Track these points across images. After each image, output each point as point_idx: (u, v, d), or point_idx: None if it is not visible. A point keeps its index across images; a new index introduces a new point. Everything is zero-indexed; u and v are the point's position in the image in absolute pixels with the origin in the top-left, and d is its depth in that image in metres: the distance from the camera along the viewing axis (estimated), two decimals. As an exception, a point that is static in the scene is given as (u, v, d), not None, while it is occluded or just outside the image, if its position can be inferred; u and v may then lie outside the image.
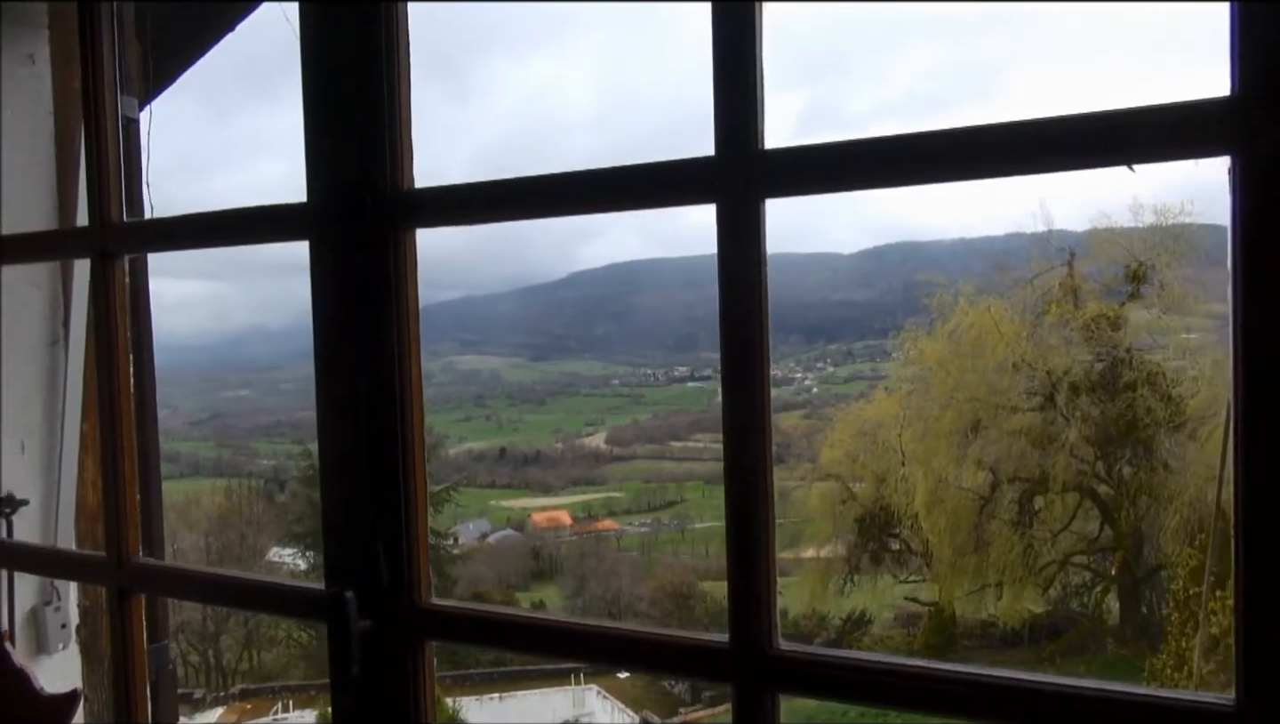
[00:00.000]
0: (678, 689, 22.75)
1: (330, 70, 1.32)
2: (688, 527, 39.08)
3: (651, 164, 1.12)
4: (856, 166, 1.07)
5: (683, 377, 48.67)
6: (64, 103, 2.11)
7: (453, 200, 1.27)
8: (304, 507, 27.95)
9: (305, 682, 22.72)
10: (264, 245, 1.52)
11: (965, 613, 21.49)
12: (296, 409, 40.75)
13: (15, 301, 2.00)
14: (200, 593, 1.61)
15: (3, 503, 1.97)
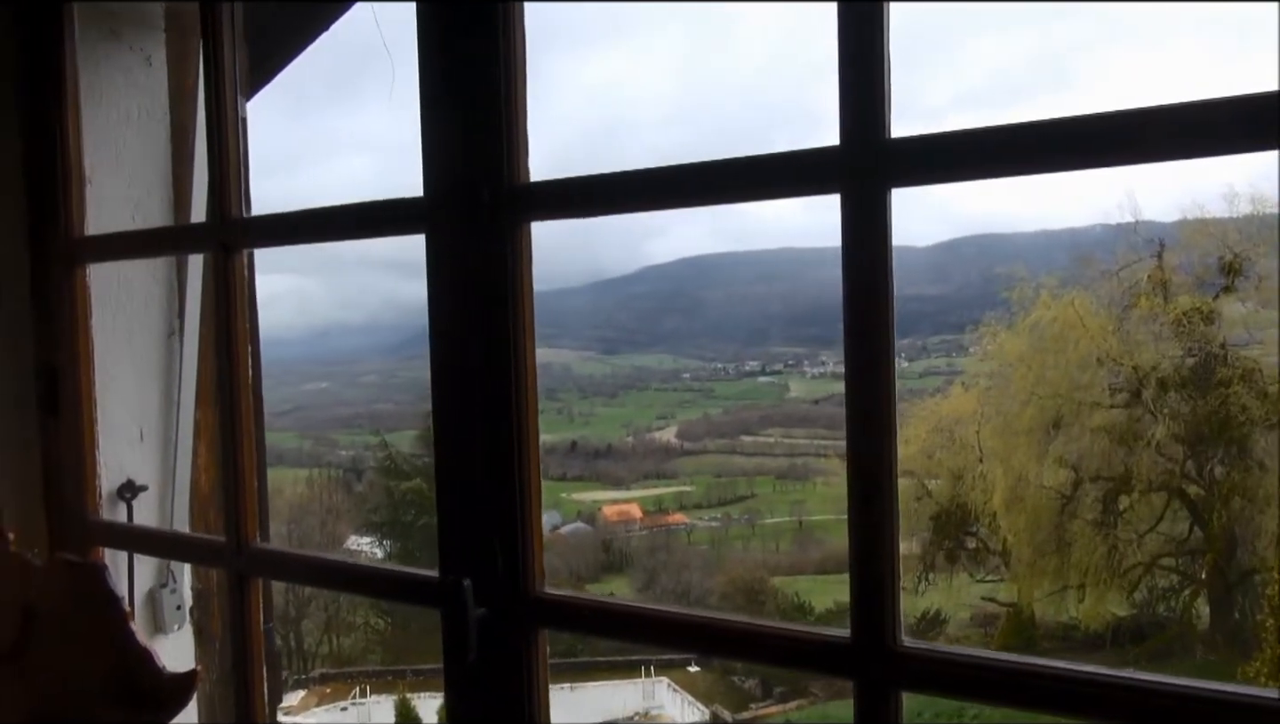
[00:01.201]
0: (748, 684, 22.69)
1: (447, 66, 1.35)
2: (758, 522, 38.90)
3: (776, 154, 1.11)
4: (982, 155, 1.05)
5: (753, 371, 48.40)
6: (178, 102, 2.18)
7: (571, 192, 1.29)
8: (381, 496, 28.64)
9: (382, 667, 23.27)
10: (344, 241, 1.58)
11: (1045, 614, 20.99)
12: (374, 401, 41.75)
13: (137, 295, 2.08)
14: (317, 578, 1.66)
15: (123, 488, 2.05)
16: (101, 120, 2.00)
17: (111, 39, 2.05)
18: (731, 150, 1.18)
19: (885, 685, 1.08)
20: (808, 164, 1.11)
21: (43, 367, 1.95)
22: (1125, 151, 0.98)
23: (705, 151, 0.95)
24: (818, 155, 1.09)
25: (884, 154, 1.05)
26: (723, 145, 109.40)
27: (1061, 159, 1.02)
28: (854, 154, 1.06)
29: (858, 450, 1.08)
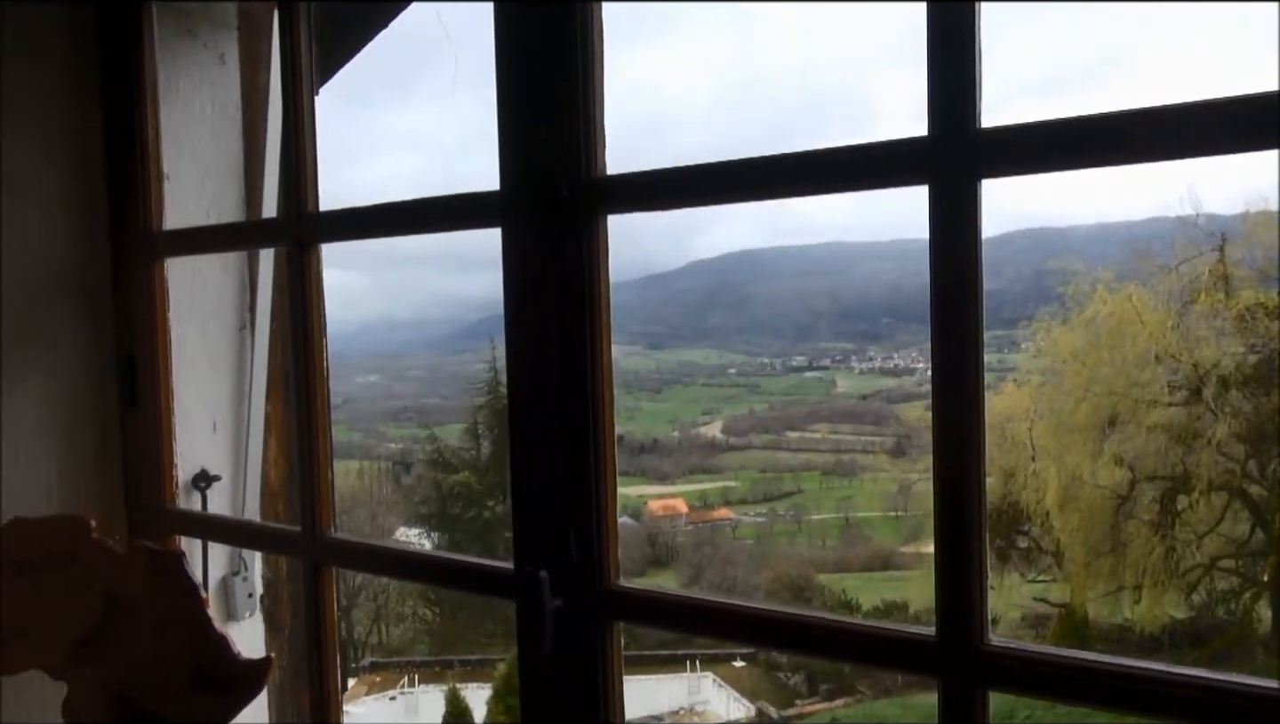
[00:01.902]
0: (793, 681, 22.60)
1: (525, 63, 1.35)
2: (804, 518, 38.65)
3: (863, 145, 1.10)
4: (1073, 145, 1.03)
5: (800, 366, 48.06)
6: (250, 100, 2.22)
7: (651, 185, 1.28)
8: (429, 489, 28.98)
9: (430, 657, 23.57)
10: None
11: (1098, 616, 20.60)
12: (422, 395, 42.23)
13: (211, 289, 2.12)
14: (390, 568, 1.68)
15: (198, 478, 2.09)
16: (178, 118, 2.05)
17: (187, 38, 2.09)
18: (779, 146, 1.18)
19: (972, 685, 1.06)
20: (895, 155, 1.09)
21: (123, 359, 2.00)
22: (1219, 142, 0.96)
23: (752, 147, 0.94)
24: (905, 146, 1.08)
25: (975, 144, 1.03)
26: (769, 141, 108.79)
27: (1152, 148, 0.99)
28: (944, 145, 1.05)
29: (945, 446, 1.06)
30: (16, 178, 1.89)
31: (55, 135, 1.94)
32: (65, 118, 1.95)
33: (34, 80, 1.92)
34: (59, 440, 1.96)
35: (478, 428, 28.73)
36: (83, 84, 1.97)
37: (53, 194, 1.94)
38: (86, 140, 1.98)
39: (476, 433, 28.73)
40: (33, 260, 1.91)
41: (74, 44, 1.96)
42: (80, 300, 1.98)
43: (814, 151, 1.13)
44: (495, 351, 28.13)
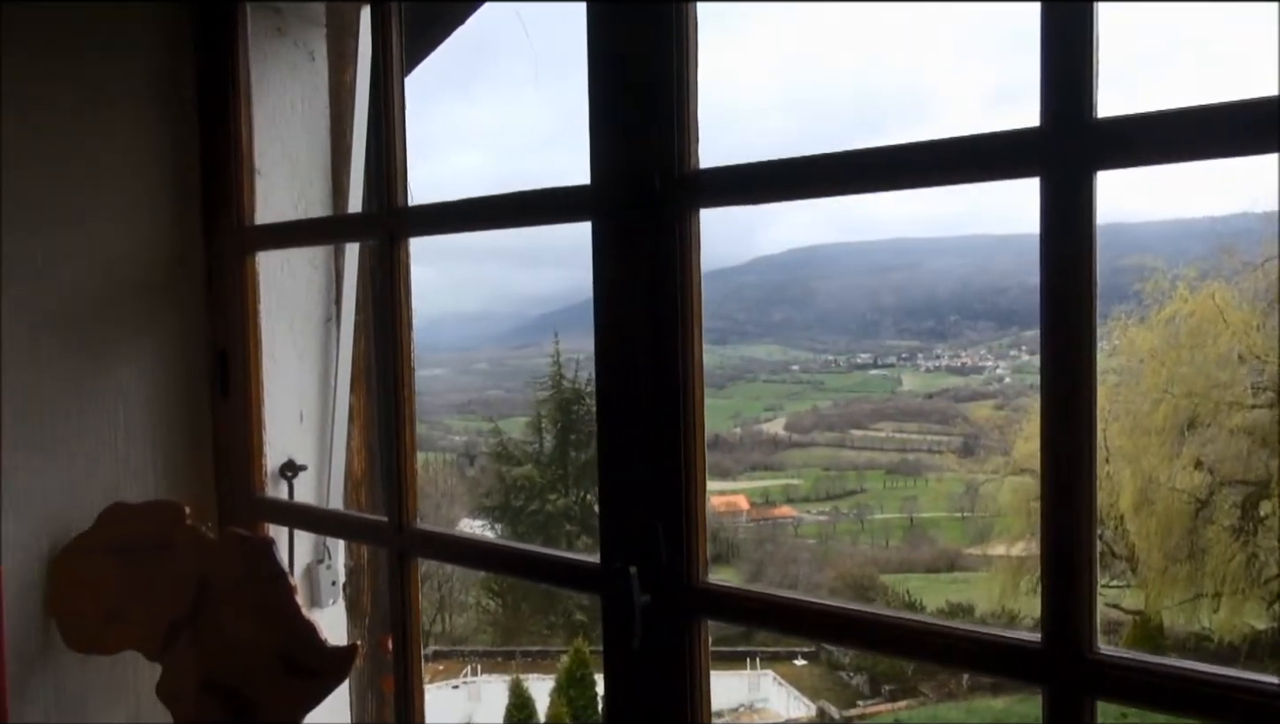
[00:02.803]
0: (855, 682, 22.35)
1: (618, 57, 1.35)
2: (868, 517, 38.17)
3: (971, 136, 1.07)
4: (1194, 135, 0.98)
5: (865, 364, 47.43)
6: (337, 97, 2.26)
7: (745, 178, 1.27)
8: (493, 481, 29.30)
9: (493, 648, 23.84)
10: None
11: (1174, 624, 19.98)
12: (487, 388, 42.72)
13: (299, 282, 2.16)
14: (475, 559, 1.69)
15: (285, 467, 2.14)
16: (268, 114, 2.09)
17: (278, 36, 2.13)
18: (843, 142, 1.16)
19: (1079, 693, 1.03)
20: (1005, 146, 1.06)
21: (215, 351, 2.05)
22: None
23: (809, 145, 0.93)
24: (1016, 137, 1.04)
25: (1090, 134, 1.00)
26: (831, 137, 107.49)
27: (1247, 143, 0.94)
28: (1057, 135, 1.01)
29: (1055, 446, 1.03)
30: (118, 174, 1.95)
31: (154, 132, 2.00)
32: (163, 115, 2.01)
33: (134, 78, 1.98)
34: (155, 429, 2.02)
35: (540, 422, 28.94)
36: (179, 82, 2.02)
37: (152, 190, 1.99)
38: (183, 137, 2.03)
39: (539, 427, 28.94)
40: (132, 254, 1.97)
41: (171, 43, 2.02)
42: (175, 294, 2.04)
43: (919, 144, 1.10)
44: (559, 346, 28.30)
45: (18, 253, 1.82)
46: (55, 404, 1.88)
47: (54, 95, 1.87)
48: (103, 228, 1.93)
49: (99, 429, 1.94)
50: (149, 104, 2.00)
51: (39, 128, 1.85)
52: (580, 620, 23.50)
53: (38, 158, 1.85)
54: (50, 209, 1.87)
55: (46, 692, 1.88)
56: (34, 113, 1.84)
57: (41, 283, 1.86)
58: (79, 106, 1.90)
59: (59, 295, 1.88)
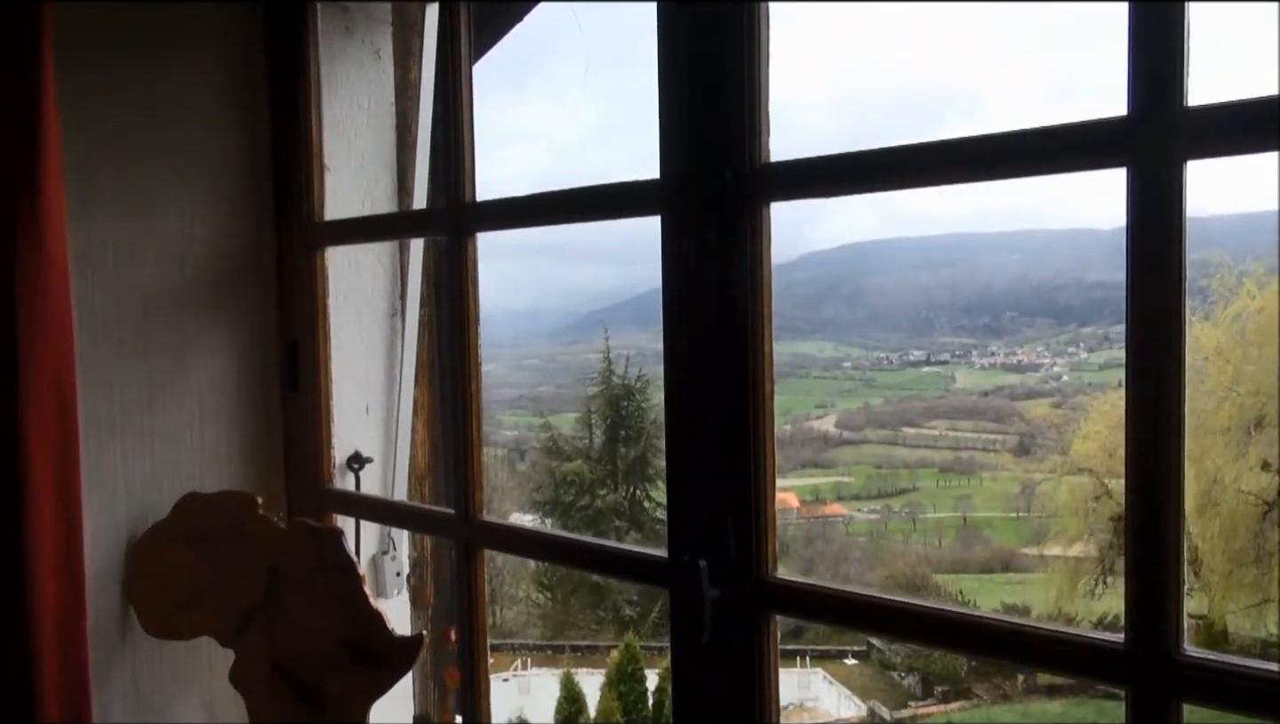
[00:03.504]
0: (907, 682, 22.10)
1: (690, 48, 1.34)
2: (919, 516, 37.69)
3: (1055, 126, 1.05)
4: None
5: (918, 360, 46.74)
6: (402, 94, 2.29)
7: (818, 172, 1.26)
8: (543, 476, 29.49)
9: (543, 642, 24.00)
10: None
11: (1239, 629, 19.45)
12: (538, 384, 42.96)
13: (365, 277, 2.20)
14: (541, 551, 1.71)
15: (351, 459, 2.17)
16: (337, 112, 2.12)
17: (345, 35, 2.16)
18: (899, 136, 1.15)
19: (1165, 696, 1.01)
20: (1091, 136, 1.04)
21: (285, 344, 2.09)
22: None
23: (859, 143, 0.92)
24: (1102, 127, 1.02)
25: (1181, 123, 0.97)
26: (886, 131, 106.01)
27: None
28: (1145, 123, 0.99)
29: (1142, 445, 1.01)
30: (194, 169, 1.99)
31: (228, 129, 2.04)
32: (236, 112, 2.05)
33: (209, 75, 2.02)
34: (227, 421, 2.06)
35: (590, 417, 29.05)
36: (252, 79, 2.06)
37: (226, 185, 2.04)
38: (255, 134, 2.07)
39: (589, 422, 29.05)
40: (207, 249, 2.02)
41: (244, 41, 2.06)
42: (248, 288, 2.08)
43: (1001, 134, 1.08)
44: (609, 342, 28.36)
45: (95, 247, 1.87)
46: (133, 395, 1.93)
47: (131, 92, 1.91)
48: (178, 222, 1.98)
49: (175, 420, 1.99)
50: (223, 101, 2.04)
51: (117, 124, 1.89)
52: (629, 616, 23.56)
53: (116, 153, 1.89)
54: (127, 204, 1.91)
55: (125, 675, 1.94)
56: (112, 109, 1.88)
57: (119, 277, 1.91)
58: (156, 104, 1.95)
59: (136, 289, 1.93)
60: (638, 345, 33.54)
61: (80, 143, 1.75)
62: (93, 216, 1.85)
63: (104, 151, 1.87)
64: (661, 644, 20.69)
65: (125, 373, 1.92)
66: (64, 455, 1.61)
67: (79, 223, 1.75)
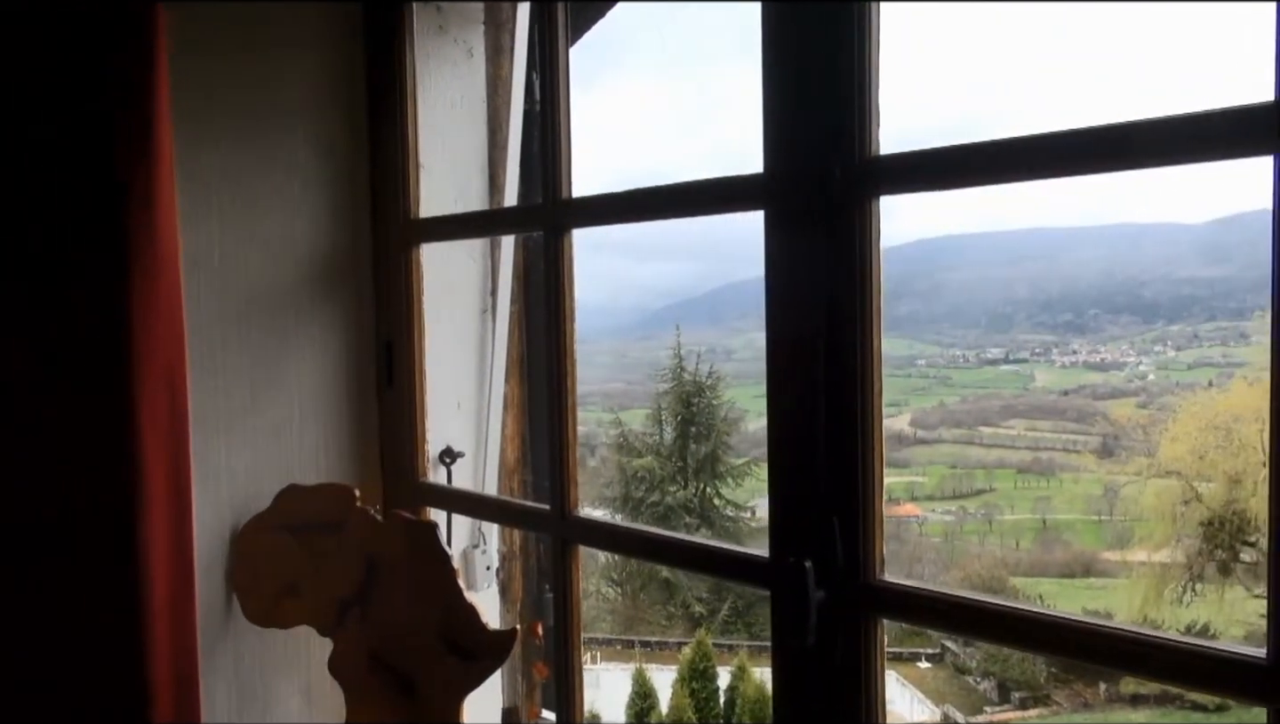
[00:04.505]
0: (983, 687, 21.64)
1: (795, 43, 1.32)
2: (996, 518, 36.81)
3: (1193, 113, 1.00)
4: None
5: (996, 358, 45.60)
6: (493, 92, 2.30)
7: (933, 165, 1.22)
8: (614, 472, 29.62)
9: (613, 636, 24.12)
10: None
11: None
12: (608, 380, 43.16)
13: (458, 274, 2.22)
14: (636, 548, 1.70)
15: (444, 454, 2.20)
16: (431, 110, 2.15)
17: (440, 34, 2.19)
18: (986, 133, 1.12)
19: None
20: (1232, 123, 0.98)
21: (381, 340, 2.12)
22: None
23: (947, 134, 0.90)
24: (1247, 114, 0.97)
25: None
26: (965, 128, 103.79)
27: None
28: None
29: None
30: (294, 168, 2.03)
31: (327, 130, 2.07)
32: (335, 113, 2.09)
33: (308, 77, 2.06)
34: (325, 415, 2.10)
35: (660, 414, 29.07)
36: (351, 79, 2.10)
37: (325, 186, 2.07)
38: (352, 134, 2.11)
39: (660, 418, 29.08)
40: (308, 249, 2.06)
41: (341, 43, 2.09)
42: (345, 285, 2.12)
43: (1132, 123, 1.04)
44: (680, 338, 28.33)
45: (203, 247, 1.92)
46: (237, 391, 1.98)
47: (235, 94, 1.95)
48: (280, 223, 2.02)
49: (276, 415, 2.03)
50: (322, 102, 2.07)
51: (222, 126, 1.93)
52: (698, 613, 23.53)
53: (221, 154, 1.93)
54: (232, 205, 1.96)
55: (228, 661, 1.99)
56: (217, 111, 1.92)
57: (225, 277, 1.96)
58: (258, 105, 1.99)
59: (241, 289, 1.98)
60: (709, 342, 33.37)
61: (188, 144, 1.79)
62: (200, 218, 1.90)
63: (209, 153, 1.91)
64: (732, 642, 20.63)
65: (230, 370, 1.97)
66: (175, 448, 1.66)
67: (187, 224, 1.79)
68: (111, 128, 1.55)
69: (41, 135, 1.56)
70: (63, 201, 1.56)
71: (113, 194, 1.55)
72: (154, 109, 1.57)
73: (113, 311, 1.55)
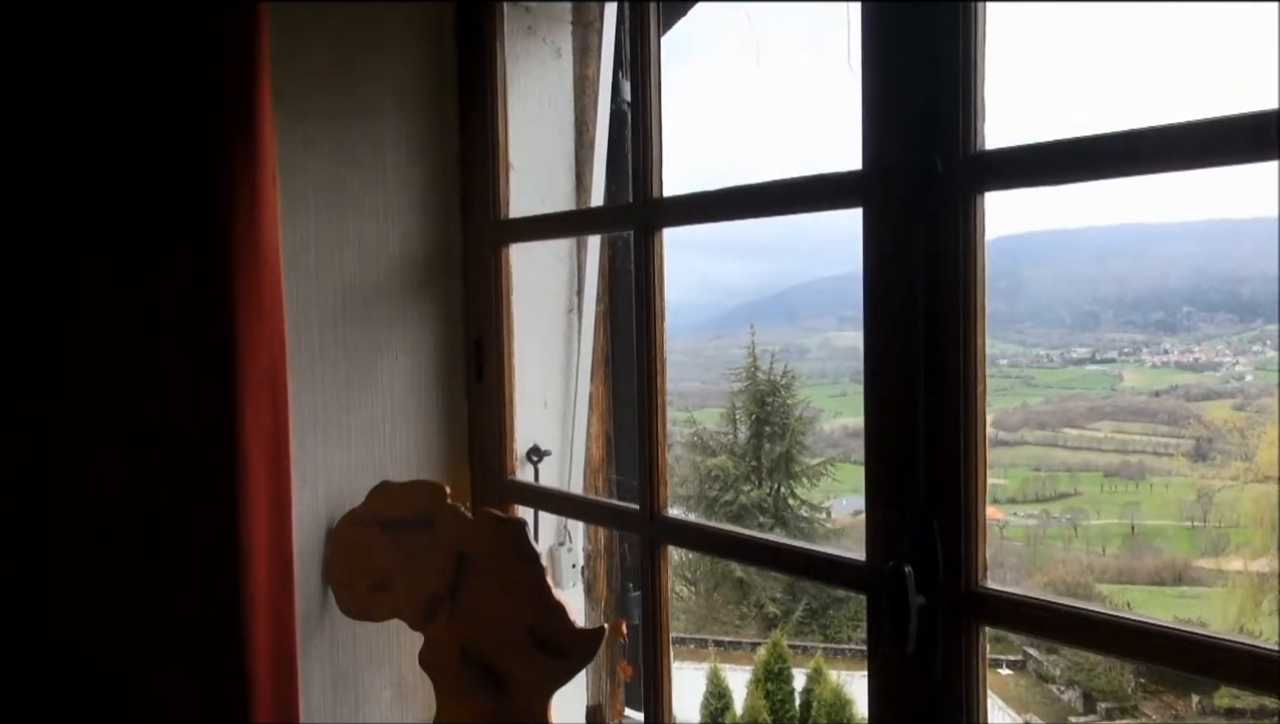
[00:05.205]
0: (1067, 696, 21.03)
1: (896, 35, 1.29)
2: (1081, 522, 35.72)
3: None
4: None
5: (1081, 358, 44.21)
6: (580, 92, 2.31)
7: (1050, 158, 1.18)
8: (687, 471, 29.57)
9: (687, 634, 24.10)
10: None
11: None
12: (682, 380, 43.14)
13: (545, 273, 2.24)
14: (726, 549, 1.69)
15: (531, 452, 2.22)
16: (520, 111, 2.16)
17: (528, 35, 2.20)
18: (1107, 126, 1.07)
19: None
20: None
21: (471, 339, 2.15)
22: None
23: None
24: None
25: None
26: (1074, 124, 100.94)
27: None
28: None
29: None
30: (388, 170, 2.07)
31: (418, 130, 2.10)
32: (426, 113, 2.11)
33: (400, 76, 2.09)
34: (416, 414, 2.14)
35: (734, 413, 28.93)
36: (440, 81, 2.13)
37: (417, 185, 2.11)
38: (443, 134, 2.13)
39: (734, 417, 28.93)
40: (400, 248, 2.10)
41: (432, 44, 2.12)
42: (436, 285, 2.15)
43: (1255, 114, 0.98)
44: (754, 337, 28.15)
45: (300, 247, 1.96)
46: (332, 389, 2.02)
47: (331, 94, 1.98)
48: (373, 222, 2.06)
49: (369, 412, 2.07)
50: (414, 102, 2.10)
51: (319, 125, 1.97)
52: (772, 613, 23.36)
53: (317, 153, 1.97)
54: (328, 204, 2.00)
55: (323, 652, 2.04)
56: (314, 111, 1.96)
57: (321, 276, 2.01)
58: (353, 105, 2.02)
59: (336, 288, 2.02)
60: (783, 341, 33.05)
61: (286, 144, 1.82)
62: (297, 217, 1.94)
63: (306, 152, 1.95)
64: (806, 643, 20.42)
65: (326, 368, 2.01)
66: (276, 445, 1.69)
67: (286, 224, 1.83)
68: (221, 129, 1.58)
69: (150, 136, 1.60)
70: (172, 204, 1.61)
71: (218, 196, 1.59)
72: (257, 110, 1.60)
73: (219, 313, 1.59)
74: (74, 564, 1.64)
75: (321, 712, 2.01)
